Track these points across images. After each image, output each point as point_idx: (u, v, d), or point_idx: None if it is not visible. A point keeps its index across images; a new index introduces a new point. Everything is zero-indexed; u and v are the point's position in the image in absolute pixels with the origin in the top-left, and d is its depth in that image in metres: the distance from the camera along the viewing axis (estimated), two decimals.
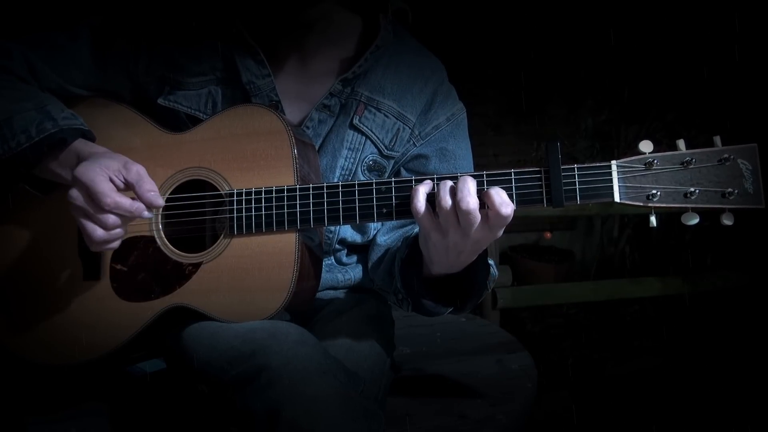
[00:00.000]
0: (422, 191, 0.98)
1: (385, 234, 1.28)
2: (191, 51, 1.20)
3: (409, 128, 1.23)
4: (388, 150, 1.23)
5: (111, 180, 1.01)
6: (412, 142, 1.24)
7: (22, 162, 1.08)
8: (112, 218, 1.01)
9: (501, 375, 1.48)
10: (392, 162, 1.25)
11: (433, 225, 0.99)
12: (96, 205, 1.00)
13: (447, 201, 0.96)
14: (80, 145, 1.10)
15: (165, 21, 1.21)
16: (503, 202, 0.94)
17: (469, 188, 0.95)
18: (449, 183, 0.97)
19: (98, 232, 1.02)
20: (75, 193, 1.01)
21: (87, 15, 1.24)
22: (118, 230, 1.03)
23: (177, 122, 1.20)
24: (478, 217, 0.95)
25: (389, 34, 1.21)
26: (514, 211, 0.96)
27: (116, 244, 1.06)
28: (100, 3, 1.28)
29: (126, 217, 1.03)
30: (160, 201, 1.04)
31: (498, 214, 0.95)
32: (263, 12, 1.19)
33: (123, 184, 1.03)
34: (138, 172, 1.04)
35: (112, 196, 1.00)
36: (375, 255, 1.27)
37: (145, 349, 1.21)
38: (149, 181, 1.04)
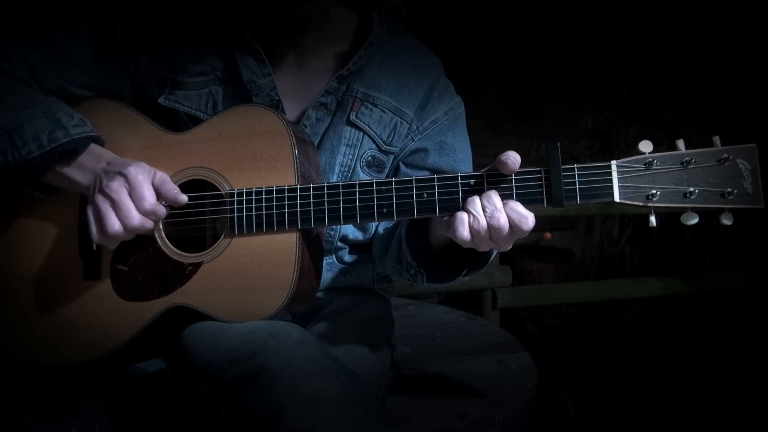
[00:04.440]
0: (466, 219, 0.98)
1: (387, 224, 1.27)
2: (192, 51, 1.20)
3: (407, 123, 1.23)
4: (386, 145, 1.23)
5: None
6: (410, 137, 1.24)
7: (31, 170, 1.08)
8: (138, 221, 1.05)
9: (501, 375, 1.48)
10: (391, 157, 1.25)
11: (470, 242, 1.00)
12: (133, 204, 1.05)
13: (482, 223, 0.97)
14: (96, 148, 1.11)
15: (165, 20, 1.21)
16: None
17: (496, 205, 0.97)
18: (478, 202, 0.98)
19: (116, 226, 1.05)
20: (116, 185, 1.05)
21: (86, 15, 1.24)
22: (130, 235, 1.07)
23: (177, 122, 1.21)
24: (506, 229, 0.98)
25: (383, 30, 1.21)
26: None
27: (116, 244, 1.09)
28: (99, 3, 1.28)
29: (149, 226, 1.07)
30: (183, 197, 1.09)
31: (520, 230, 0.98)
32: (261, 10, 1.19)
33: None
34: (162, 177, 1.08)
35: (152, 204, 1.06)
36: (380, 245, 1.27)
37: (145, 349, 1.21)
38: (172, 183, 1.09)
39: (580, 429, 2.77)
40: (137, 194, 1.05)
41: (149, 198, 1.05)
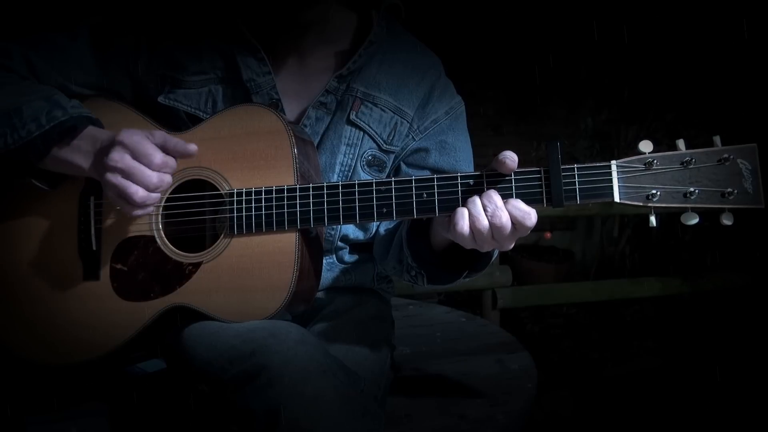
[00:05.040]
0: (466, 214, 0.98)
1: (388, 224, 1.27)
2: (192, 49, 1.20)
3: (407, 122, 1.23)
4: (386, 144, 1.23)
5: None
6: (411, 137, 1.24)
7: (32, 151, 1.08)
8: (156, 178, 1.05)
9: (501, 375, 1.48)
10: (392, 156, 1.25)
11: (472, 242, 1.00)
12: (143, 164, 1.04)
13: (484, 223, 0.97)
14: (93, 131, 1.10)
15: (165, 19, 1.21)
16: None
17: (497, 203, 0.97)
18: (479, 202, 0.98)
19: (140, 192, 1.04)
20: (117, 155, 1.03)
21: (87, 15, 1.24)
22: (156, 194, 1.07)
23: (177, 121, 1.21)
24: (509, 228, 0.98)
25: (382, 30, 1.21)
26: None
27: (152, 209, 1.09)
28: (100, 3, 1.28)
29: (169, 180, 1.07)
30: (193, 147, 1.09)
31: (524, 227, 0.98)
32: (262, 12, 1.20)
33: None
34: (162, 134, 1.08)
35: (161, 156, 1.05)
36: (381, 246, 1.27)
37: (145, 349, 1.21)
38: (176, 139, 1.08)
39: (580, 429, 2.77)
40: (142, 154, 1.04)
41: (154, 152, 1.04)
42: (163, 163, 1.05)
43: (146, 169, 1.04)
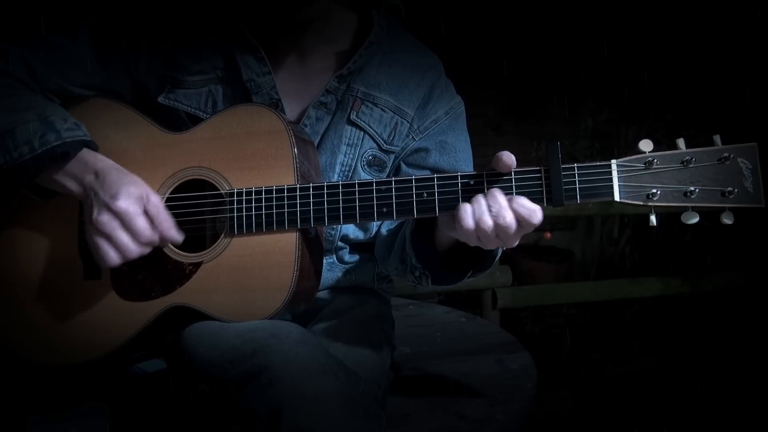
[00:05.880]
0: (470, 210, 0.98)
1: (389, 224, 1.28)
2: (192, 50, 1.20)
3: (408, 122, 1.23)
4: (387, 144, 1.23)
5: None
6: (411, 137, 1.25)
7: (23, 173, 1.08)
8: (136, 252, 1.05)
9: (501, 375, 1.48)
10: (392, 156, 1.25)
11: (476, 241, 1.00)
12: (130, 237, 1.04)
13: (488, 223, 0.96)
14: (86, 155, 1.09)
15: (165, 20, 1.21)
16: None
17: (501, 203, 0.96)
18: (483, 202, 0.97)
19: (117, 260, 1.05)
20: (106, 219, 1.03)
21: (87, 15, 1.24)
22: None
23: (177, 121, 1.21)
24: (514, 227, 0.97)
25: (383, 30, 1.21)
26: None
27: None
28: (100, 3, 1.28)
29: (147, 252, 1.07)
30: (180, 238, 1.08)
31: (530, 224, 0.97)
32: (262, 11, 1.20)
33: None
34: (156, 205, 1.07)
35: (149, 235, 1.05)
36: (383, 248, 1.27)
37: (145, 349, 1.21)
38: (167, 217, 1.07)
39: (580, 429, 2.77)
40: (132, 230, 1.04)
41: (144, 231, 1.04)
42: (149, 242, 1.05)
43: (131, 243, 1.04)
